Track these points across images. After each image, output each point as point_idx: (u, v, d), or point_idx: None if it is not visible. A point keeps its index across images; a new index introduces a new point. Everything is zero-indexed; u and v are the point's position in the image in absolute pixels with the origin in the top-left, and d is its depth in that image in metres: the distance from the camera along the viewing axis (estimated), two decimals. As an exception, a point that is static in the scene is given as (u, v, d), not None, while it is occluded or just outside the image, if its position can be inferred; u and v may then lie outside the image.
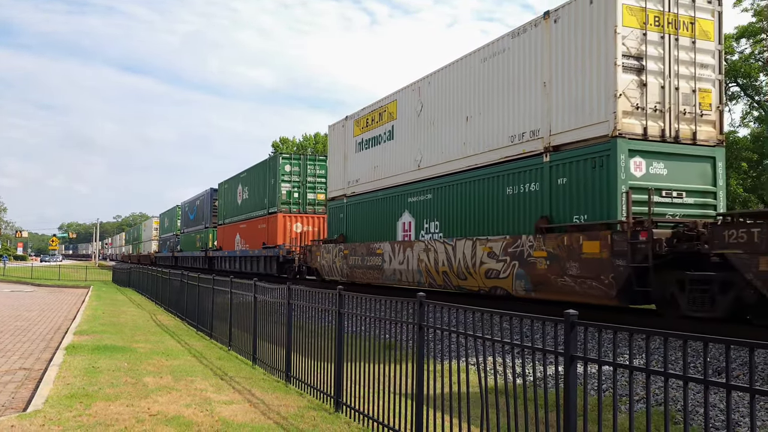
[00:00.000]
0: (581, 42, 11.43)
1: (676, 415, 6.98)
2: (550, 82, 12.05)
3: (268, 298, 10.03)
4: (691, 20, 11.40)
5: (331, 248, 21.12)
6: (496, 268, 13.01)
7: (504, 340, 4.84)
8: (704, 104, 11.44)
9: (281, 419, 6.83)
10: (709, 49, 11.55)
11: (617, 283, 10.16)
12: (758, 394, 3.15)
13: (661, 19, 11.15)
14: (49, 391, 7.70)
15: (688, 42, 11.37)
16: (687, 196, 11.09)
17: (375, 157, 19.24)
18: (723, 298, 9.20)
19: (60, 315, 18.31)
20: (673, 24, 11.25)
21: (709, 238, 9.23)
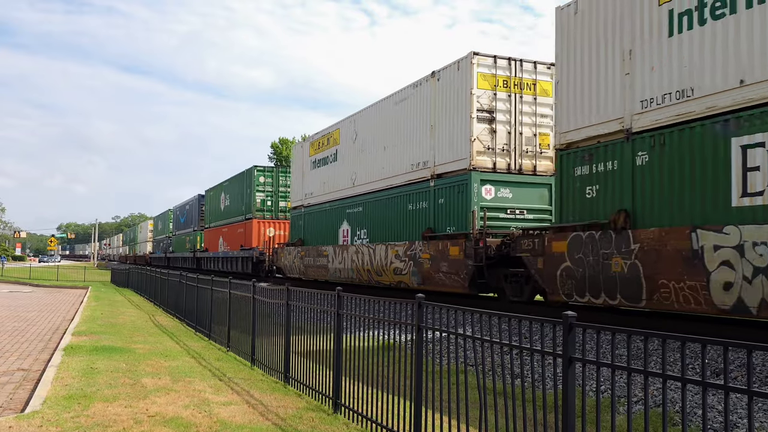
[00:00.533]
0: (453, 97, 15.15)
1: (674, 417, 6.99)
2: (435, 126, 15.94)
3: (266, 299, 10.03)
4: (533, 82, 15.07)
5: (292, 250, 25.06)
6: (400, 267, 17.06)
7: (503, 341, 4.85)
8: (543, 145, 15.08)
9: (280, 420, 6.83)
10: (548, 103, 14.93)
11: (468, 277, 14.02)
12: (756, 396, 3.15)
13: (509, 82, 14.88)
14: (47, 392, 7.69)
15: (531, 98, 15.06)
16: (528, 213, 15.02)
17: (324, 175, 23.23)
18: (526, 287, 13.04)
19: (58, 315, 18.29)
20: (519, 85, 14.96)
21: (515, 245, 12.81)
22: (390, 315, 6.44)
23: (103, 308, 20.31)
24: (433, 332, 5.72)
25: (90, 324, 15.41)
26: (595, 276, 10.65)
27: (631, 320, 11.19)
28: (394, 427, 5.97)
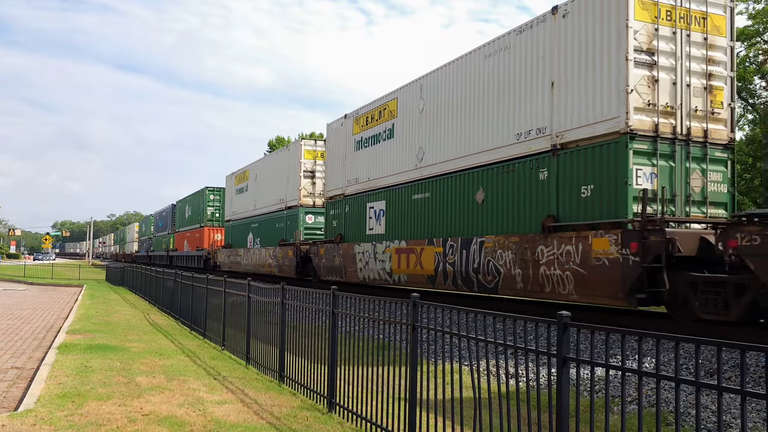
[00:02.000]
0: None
1: (668, 417, 7.01)
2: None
3: (262, 297, 10.02)
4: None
5: (225, 250, 34.15)
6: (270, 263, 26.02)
7: (497, 341, 4.85)
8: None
9: (274, 419, 6.82)
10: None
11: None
12: (749, 396, 3.16)
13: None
14: (40, 390, 7.67)
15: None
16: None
17: (243, 199, 31.38)
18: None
19: (53, 314, 18.23)
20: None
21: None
22: (385, 314, 6.44)
23: (98, 306, 20.26)
24: (428, 331, 5.72)
25: (84, 322, 15.37)
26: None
27: (627, 320, 11.20)
28: (388, 427, 5.97)
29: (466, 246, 13.73)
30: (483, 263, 13.13)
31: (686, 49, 11.03)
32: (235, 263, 31.24)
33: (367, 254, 18.36)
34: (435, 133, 15.61)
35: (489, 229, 13.29)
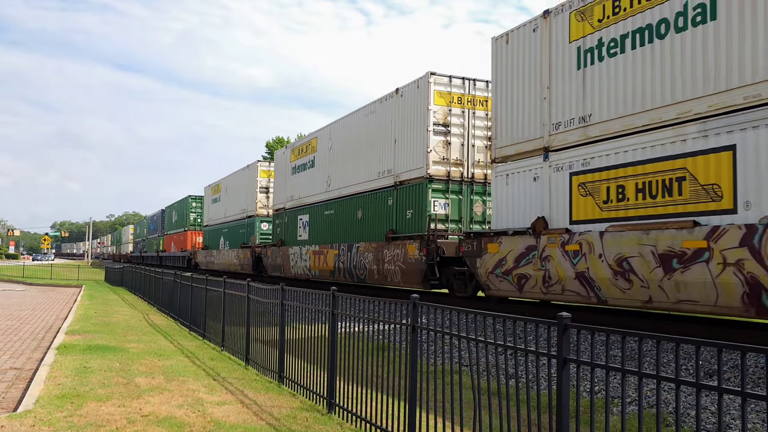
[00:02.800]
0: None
1: (667, 418, 7.00)
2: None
3: (261, 298, 10.01)
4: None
5: (203, 252, 39.61)
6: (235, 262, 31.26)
7: (497, 341, 4.85)
8: None
9: (273, 420, 6.82)
10: None
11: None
12: (749, 397, 3.16)
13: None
14: (39, 391, 7.66)
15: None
16: None
17: (217, 208, 37.75)
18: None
19: (52, 314, 18.21)
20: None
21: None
22: (385, 315, 6.43)
23: (97, 307, 20.24)
24: (428, 332, 5.72)
25: (83, 323, 15.35)
26: None
27: (625, 321, 11.21)
28: (388, 428, 5.96)
29: (350, 249, 19.41)
30: (358, 262, 18.72)
31: (472, 121, 16.26)
32: (210, 262, 37.13)
33: (296, 255, 23.87)
34: (337, 166, 21.30)
35: (363, 238, 18.85)
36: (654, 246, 9.24)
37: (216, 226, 37.24)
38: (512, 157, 12.45)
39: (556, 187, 11.41)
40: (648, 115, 9.76)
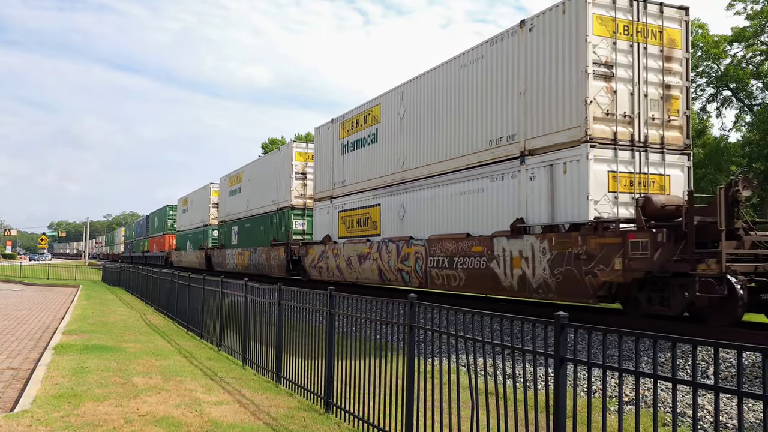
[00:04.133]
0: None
1: (665, 417, 7.02)
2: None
3: (259, 298, 10.01)
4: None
5: (175, 252, 47.08)
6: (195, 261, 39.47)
7: (494, 341, 4.85)
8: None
9: (271, 420, 6.81)
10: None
11: None
12: (746, 397, 3.16)
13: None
14: (36, 391, 7.65)
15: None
16: None
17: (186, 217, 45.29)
18: None
19: (49, 314, 18.18)
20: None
21: None
22: (382, 314, 6.43)
23: (94, 307, 20.21)
24: (425, 332, 5.72)
25: (81, 323, 15.33)
26: None
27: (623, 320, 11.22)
28: (385, 427, 5.97)
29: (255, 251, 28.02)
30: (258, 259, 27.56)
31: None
32: (180, 261, 44.53)
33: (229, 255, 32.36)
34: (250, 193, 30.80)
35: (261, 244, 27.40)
36: (357, 251, 18.66)
37: (184, 231, 46.17)
38: (319, 200, 22.31)
39: (333, 218, 21.10)
40: (363, 184, 19.19)
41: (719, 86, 32.71)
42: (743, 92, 33.34)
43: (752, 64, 32.67)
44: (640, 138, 11.57)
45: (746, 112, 34.37)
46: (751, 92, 33.66)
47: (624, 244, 10.05)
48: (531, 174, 12.35)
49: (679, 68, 12.02)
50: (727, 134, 34.97)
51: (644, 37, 11.72)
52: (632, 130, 11.51)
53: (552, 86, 11.87)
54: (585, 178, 11.13)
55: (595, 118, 11.16)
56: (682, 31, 12.10)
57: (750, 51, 32.48)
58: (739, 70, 32.06)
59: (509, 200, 12.84)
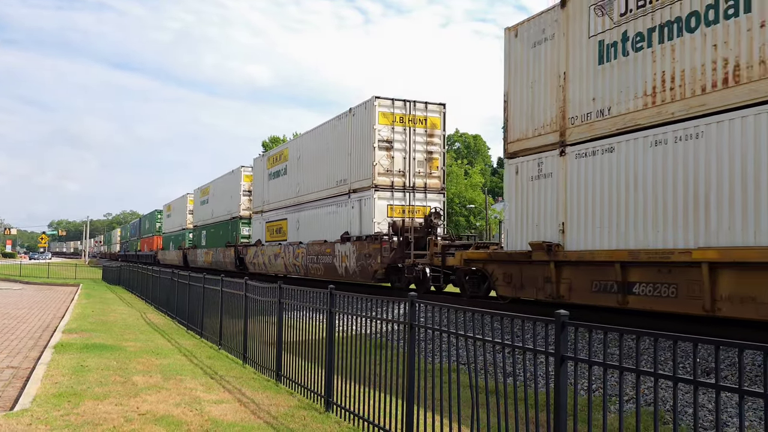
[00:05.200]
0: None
1: (665, 415, 7.02)
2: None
3: (259, 297, 10.00)
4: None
5: (161, 251, 53.65)
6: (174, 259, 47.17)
7: (495, 339, 4.84)
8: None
9: (271, 419, 6.81)
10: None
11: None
12: (747, 395, 3.16)
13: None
14: (36, 389, 7.64)
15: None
16: None
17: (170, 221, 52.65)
18: None
19: (49, 313, 18.18)
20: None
21: None
22: (382, 313, 6.42)
23: (94, 306, 20.21)
24: (425, 330, 5.71)
25: (81, 321, 15.33)
26: None
27: (621, 319, 11.22)
28: (386, 426, 5.96)
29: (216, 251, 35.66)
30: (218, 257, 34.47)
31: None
32: (164, 259, 50.98)
33: (200, 254, 39.69)
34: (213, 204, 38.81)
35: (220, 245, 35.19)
36: (274, 252, 25.89)
37: (168, 233, 53.58)
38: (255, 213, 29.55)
39: (262, 227, 28.27)
40: (278, 204, 26.42)
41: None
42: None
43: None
44: (410, 184, 19.19)
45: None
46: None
47: (381, 248, 17.88)
48: (352, 204, 20.09)
49: (438, 141, 19.60)
50: None
51: (413, 123, 19.20)
52: (405, 180, 19.11)
53: (360, 152, 19.66)
54: (372, 208, 18.81)
55: (379, 173, 18.87)
56: (440, 119, 19.66)
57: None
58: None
59: (343, 220, 20.56)
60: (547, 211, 11.64)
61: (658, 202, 9.57)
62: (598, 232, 10.57)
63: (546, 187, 11.70)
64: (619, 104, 10.28)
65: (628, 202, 10.02)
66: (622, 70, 10.27)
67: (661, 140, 9.59)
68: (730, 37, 8.69)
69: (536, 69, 12.06)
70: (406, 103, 18.95)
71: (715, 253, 8.59)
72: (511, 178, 12.56)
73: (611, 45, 10.46)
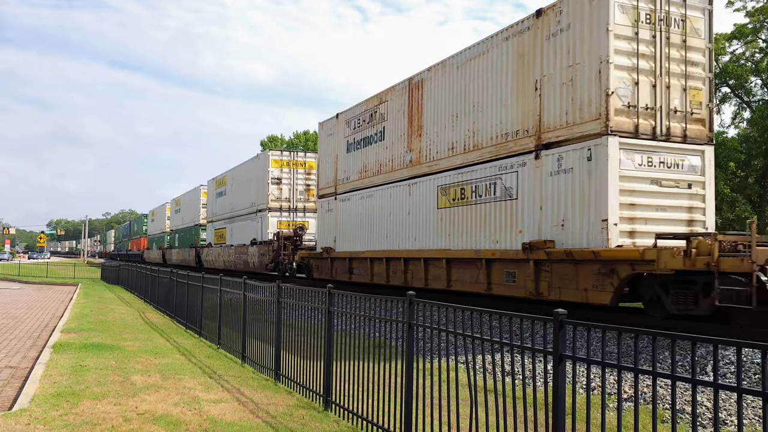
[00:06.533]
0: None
1: (664, 414, 7.02)
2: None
3: (257, 296, 10.00)
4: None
5: (146, 251, 60.75)
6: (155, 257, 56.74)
7: (493, 338, 4.84)
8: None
9: (270, 418, 6.81)
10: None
11: None
12: (745, 393, 3.16)
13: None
14: (35, 389, 7.64)
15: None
16: None
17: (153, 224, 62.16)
18: None
19: (47, 312, 18.16)
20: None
21: None
22: (381, 312, 6.42)
23: (93, 305, 20.19)
24: (424, 329, 5.71)
25: (79, 321, 15.31)
26: None
27: (619, 317, 11.23)
28: (384, 424, 5.96)
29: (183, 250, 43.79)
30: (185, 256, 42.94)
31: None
32: (148, 257, 57.26)
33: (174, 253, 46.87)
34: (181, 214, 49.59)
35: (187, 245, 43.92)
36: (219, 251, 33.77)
37: (151, 236, 61.34)
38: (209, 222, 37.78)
39: (212, 233, 36.60)
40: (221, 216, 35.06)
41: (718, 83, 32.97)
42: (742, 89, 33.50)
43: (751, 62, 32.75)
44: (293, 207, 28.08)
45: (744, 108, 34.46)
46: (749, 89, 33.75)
47: (269, 249, 25.48)
48: (258, 220, 28.26)
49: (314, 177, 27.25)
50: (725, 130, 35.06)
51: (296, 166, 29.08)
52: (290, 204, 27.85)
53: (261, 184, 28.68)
54: (267, 223, 27.02)
55: (271, 200, 27.18)
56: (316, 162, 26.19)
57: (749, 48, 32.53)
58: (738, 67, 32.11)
59: (253, 230, 28.68)
60: (329, 230, 20.98)
61: (365, 227, 18.56)
62: (346, 242, 19.76)
63: (330, 217, 21.04)
64: (353, 175, 19.46)
65: (356, 227, 19.13)
66: (355, 157, 19.41)
67: (365, 195, 18.59)
68: (379, 149, 17.97)
69: (328, 149, 21.54)
70: (291, 153, 28.43)
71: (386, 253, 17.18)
72: (318, 211, 22.41)
73: (351, 143, 19.74)
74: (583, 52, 11.11)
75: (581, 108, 11.03)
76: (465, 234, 13.81)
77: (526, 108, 12.23)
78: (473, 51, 13.95)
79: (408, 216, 16.18)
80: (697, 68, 11.54)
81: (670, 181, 11.07)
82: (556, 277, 11.21)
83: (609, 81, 10.60)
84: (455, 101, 14.39)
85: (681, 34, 11.41)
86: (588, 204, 10.72)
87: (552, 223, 11.47)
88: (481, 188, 13.39)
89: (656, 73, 11.16)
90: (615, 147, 10.54)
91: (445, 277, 14.31)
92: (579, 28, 11.28)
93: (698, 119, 11.49)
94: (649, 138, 10.92)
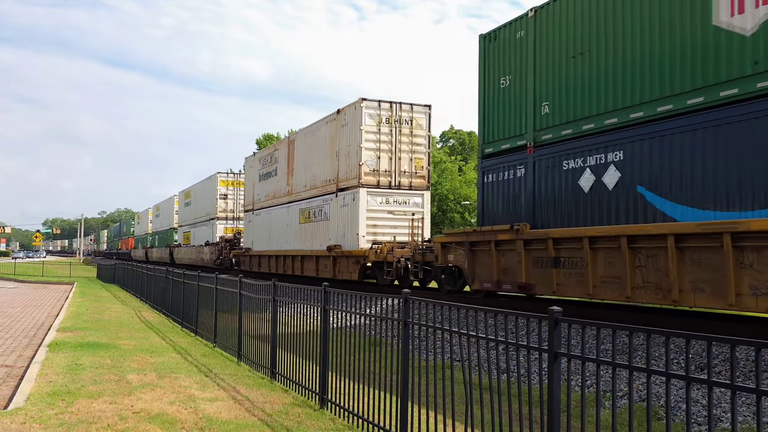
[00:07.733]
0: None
1: (659, 411, 7.04)
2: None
3: (253, 294, 9.99)
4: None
5: (133, 250, 68.92)
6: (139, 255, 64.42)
7: (489, 336, 4.85)
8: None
9: (266, 416, 6.81)
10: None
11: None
12: (739, 390, 3.17)
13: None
14: (30, 388, 7.62)
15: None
16: None
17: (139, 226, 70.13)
18: None
19: (43, 312, 18.12)
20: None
21: None
22: (376, 310, 6.42)
23: (89, 304, 20.15)
24: (420, 327, 5.72)
25: (75, 320, 15.28)
26: None
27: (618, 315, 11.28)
28: (380, 423, 5.97)
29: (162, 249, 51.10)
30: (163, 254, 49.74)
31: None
32: (135, 256, 63.10)
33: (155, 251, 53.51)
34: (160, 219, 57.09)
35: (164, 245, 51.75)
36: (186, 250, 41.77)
37: (138, 236, 67.88)
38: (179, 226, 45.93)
39: (181, 235, 44.72)
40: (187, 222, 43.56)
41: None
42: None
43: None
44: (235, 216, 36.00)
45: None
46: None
47: (216, 249, 33.97)
48: (210, 226, 36.15)
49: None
50: None
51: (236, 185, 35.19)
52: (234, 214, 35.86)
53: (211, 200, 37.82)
54: (216, 229, 35.36)
55: (219, 212, 35.48)
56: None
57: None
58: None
59: (207, 234, 36.35)
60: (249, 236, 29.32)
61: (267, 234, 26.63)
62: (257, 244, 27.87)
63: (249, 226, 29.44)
64: (261, 197, 27.71)
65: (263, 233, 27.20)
66: (263, 185, 27.79)
67: (267, 212, 26.66)
68: (274, 181, 26.55)
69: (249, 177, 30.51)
70: (235, 175, 36.21)
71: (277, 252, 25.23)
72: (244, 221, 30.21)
73: (261, 175, 28.14)
74: (351, 139, 19.57)
75: (349, 170, 19.47)
76: (310, 240, 22.14)
77: (332, 166, 20.66)
78: (314, 127, 22.76)
79: (287, 227, 24.48)
80: (420, 147, 19.67)
81: (400, 212, 19.22)
82: (341, 266, 19.43)
83: (361, 157, 18.98)
84: (306, 156, 23.18)
85: (409, 127, 19.56)
86: (352, 224, 19.03)
87: (340, 235, 19.70)
88: (317, 212, 21.78)
89: (393, 150, 19.32)
90: (364, 194, 18.89)
91: (300, 267, 22.71)
92: (351, 125, 19.64)
93: (420, 176, 19.72)
94: (386, 188, 19.19)
